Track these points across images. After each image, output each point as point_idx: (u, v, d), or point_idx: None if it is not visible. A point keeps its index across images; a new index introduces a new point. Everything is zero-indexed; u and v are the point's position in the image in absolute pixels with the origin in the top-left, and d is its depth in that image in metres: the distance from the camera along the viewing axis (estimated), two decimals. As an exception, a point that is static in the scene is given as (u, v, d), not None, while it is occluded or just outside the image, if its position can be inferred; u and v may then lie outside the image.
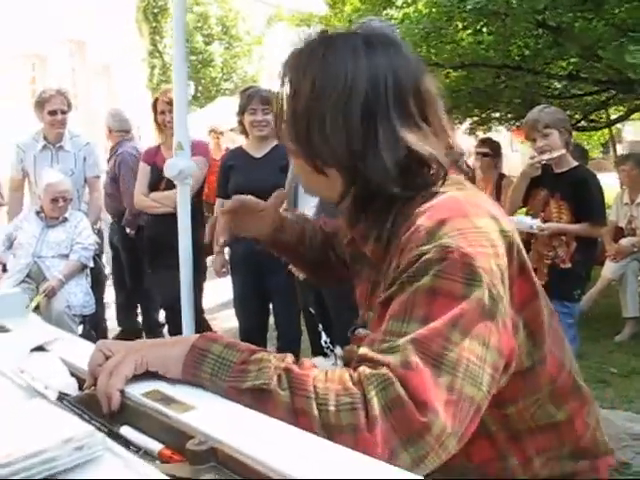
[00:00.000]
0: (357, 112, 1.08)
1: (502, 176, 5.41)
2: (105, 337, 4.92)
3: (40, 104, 4.36)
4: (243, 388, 0.97)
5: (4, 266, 4.37)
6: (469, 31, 5.66)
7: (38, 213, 4.31)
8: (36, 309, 4.08)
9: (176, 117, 1.90)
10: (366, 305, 1.20)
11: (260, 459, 0.83)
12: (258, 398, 0.96)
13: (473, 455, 1.14)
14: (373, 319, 1.12)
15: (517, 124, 7.74)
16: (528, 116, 3.69)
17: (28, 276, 4.15)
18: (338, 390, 0.92)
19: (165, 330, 5.11)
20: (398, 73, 1.11)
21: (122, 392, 1.05)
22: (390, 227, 1.12)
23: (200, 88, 23.06)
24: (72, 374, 1.28)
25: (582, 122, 8.16)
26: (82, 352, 1.44)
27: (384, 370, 0.92)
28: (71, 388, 1.21)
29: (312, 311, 3.29)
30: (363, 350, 0.99)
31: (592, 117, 8.33)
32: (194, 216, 3.95)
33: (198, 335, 1.06)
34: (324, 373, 0.96)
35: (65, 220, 4.30)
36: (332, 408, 0.91)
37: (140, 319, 5.57)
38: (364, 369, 0.94)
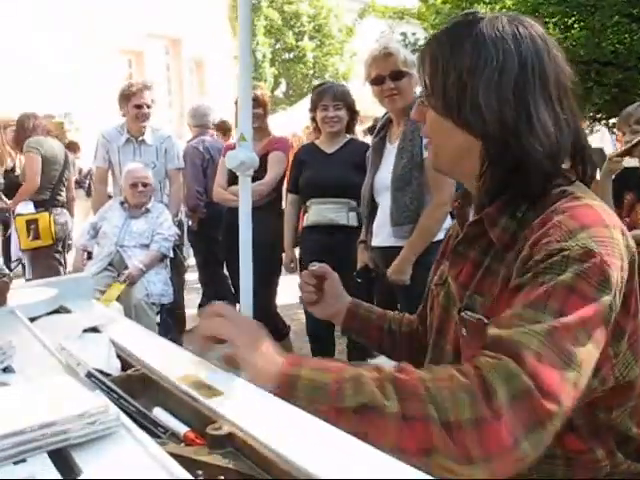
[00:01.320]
0: (508, 88, 1.11)
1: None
2: (183, 327, 5.06)
3: (126, 97, 4.47)
4: (344, 407, 0.94)
5: (89, 254, 4.54)
6: (559, 27, 5.48)
7: (122, 204, 4.45)
8: (117, 297, 4.23)
9: (240, 109, 1.92)
10: (472, 288, 1.18)
11: (274, 448, 0.82)
12: (363, 415, 0.93)
13: (563, 447, 1.13)
14: (483, 303, 1.13)
15: (607, 123, 7.43)
16: (626, 108, 3.56)
17: (110, 264, 4.28)
18: (451, 387, 0.92)
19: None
20: (543, 59, 1.15)
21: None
22: (521, 216, 1.13)
23: (292, 86, 23.35)
24: (118, 355, 1.32)
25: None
26: (133, 336, 1.49)
27: (510, 362, 0.92)
28: (113, 368, 1.24)
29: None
30: (494, 331, 0.99)
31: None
32: (271, 210, 4.04)
33: (283, 360, 1.02)
34: (430, 372, 0.96)
35: (147, 211, 4.42)
36: (449, 405, 0.90)
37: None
38: (485, 360, 0.94)
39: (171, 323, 4.50)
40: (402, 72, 2.91)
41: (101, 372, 1.19)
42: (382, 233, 3.03)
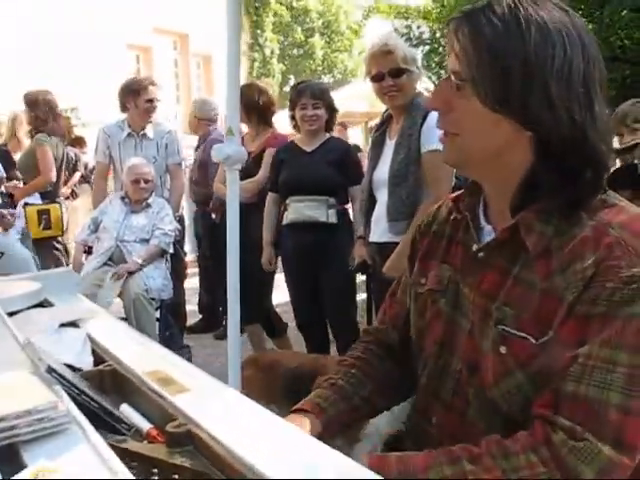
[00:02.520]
0: (578, 82, 1.02)
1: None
2: (184, 323, 5.04)
3: (135, 92, 4.45)
4: None
5: (89, 249, 4.53)
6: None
7: (123, 199, 4.44)
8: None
9: (227, 103, 1.91)
10: (500, 299, 1.09)
11: (230, 448, 0.80)
12: None
13: None
14: (515, 316, 1.05)
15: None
16: (619, 107, 3.47)
17: (110, 259, 4.26)
18: (533, 476, 0.92)
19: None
20: (598, 51, 1.07)
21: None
22: (557, 223, 1.05)
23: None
24: (94, 350, 1.31)
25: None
26: (111, 331, 1.47)
27: (590, 441, 0.91)
28: (84, 363, 1.23)
29: None
30: (570, 387, 0.95)
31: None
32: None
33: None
34: (507, 460, 0.94)
35: (148, 206, 4.40)
36: None
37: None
38: (562, 440, 0.92)
39: (171, 319, 4.48)
40: (402, 69, 2.89)
41: (72, 368, 1.18)
42: (379, 229, 3.01)
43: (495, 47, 1.02)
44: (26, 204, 4.95)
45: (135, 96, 4.47)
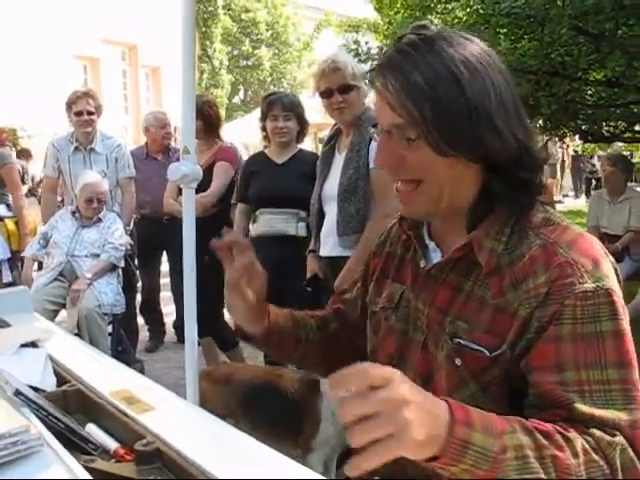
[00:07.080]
0: (511, 107, 1.10)
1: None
2: (136, 337, 5.00)
3: (68, 105, 4.45)
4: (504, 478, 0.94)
5: (40, 264, 4.47)
6: (509, 38, 5.65)
7: (74, 213, 4.39)
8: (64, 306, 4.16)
9: (183, 121, 1.92)
10: (453, 314, 1.13)
11: (199, 464, 0.83)
12: None
13: None
14: (468, 330, 1.10)
15: (556, 134, 7.55)
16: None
17: (61, 274, 4.21)
18: (588, 463, 0.95)
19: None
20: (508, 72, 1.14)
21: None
22: (506, 240, 1.11)
23: (250, 93, 23.35)
24: (55, 371, 1.32)
25: (627, 133, 7.87)
26: (71, 350, 1.49)
27: (619, 438, 0.97)
28: (48, 384, 1.24)
29: None
30: (583, 409, 0.99)
31: (638, 127, 8.00)
32: (219, 221, 4.01)
33: (450, 416, 0.88)
34: (573, 449, 0.95)
35: (99, 220, 4.36)
36: None
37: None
38: (602, 436, 0.97)
39: (123, 333, 4.45)
40: (350, 85, 2.94)
41: (35, 389, 1.19)
42: (329, 243, 3.05)
43: (432, 94, 1.04)
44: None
45: (69, 110, 4.46)
